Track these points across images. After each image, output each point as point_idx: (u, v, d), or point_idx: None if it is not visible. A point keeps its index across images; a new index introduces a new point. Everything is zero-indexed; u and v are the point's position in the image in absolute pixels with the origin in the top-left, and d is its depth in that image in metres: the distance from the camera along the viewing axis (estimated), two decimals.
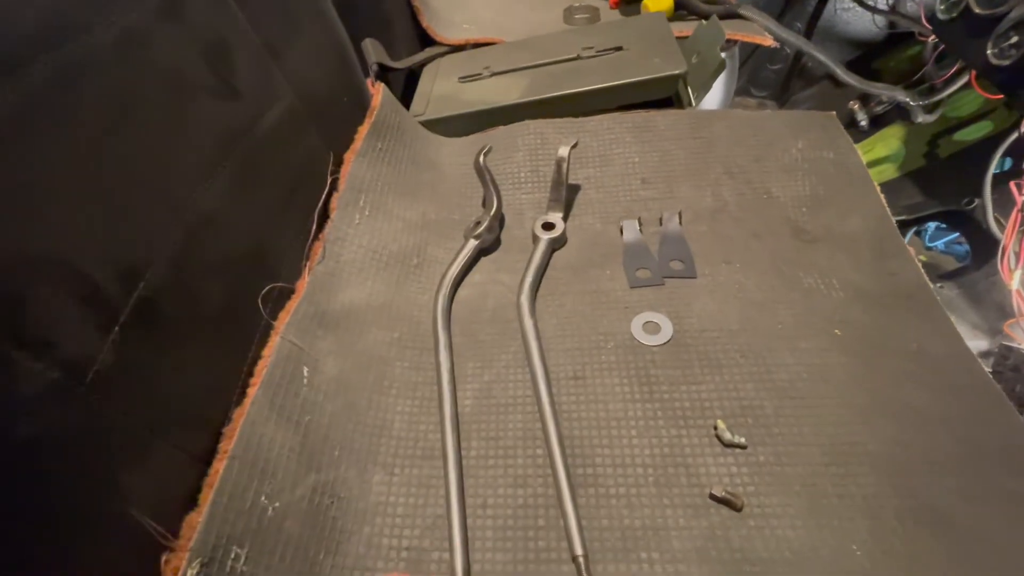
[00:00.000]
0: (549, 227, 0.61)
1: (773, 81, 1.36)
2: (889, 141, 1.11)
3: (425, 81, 0.82)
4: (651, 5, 0.90)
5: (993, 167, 0.80)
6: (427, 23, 0.89)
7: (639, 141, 0.68)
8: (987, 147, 0.83)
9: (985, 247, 0.84)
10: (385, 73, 0.79)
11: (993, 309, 0.83)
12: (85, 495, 0.30)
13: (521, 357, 0.51)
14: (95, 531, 0.30)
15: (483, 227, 0.60)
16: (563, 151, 0.59)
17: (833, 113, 0.69)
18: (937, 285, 0.91)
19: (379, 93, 0.67)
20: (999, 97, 0.80)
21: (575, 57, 0.75)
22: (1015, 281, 0.66)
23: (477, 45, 0.89)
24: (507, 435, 0.46)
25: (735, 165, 0.65)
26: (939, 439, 0.43)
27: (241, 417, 0.39)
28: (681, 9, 0.92)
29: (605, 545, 0.39)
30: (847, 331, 0.49)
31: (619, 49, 0.74)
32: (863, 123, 1.10)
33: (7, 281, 0.27)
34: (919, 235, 1.04)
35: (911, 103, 0.99)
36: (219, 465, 0.37)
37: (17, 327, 0.27)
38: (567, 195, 0.62)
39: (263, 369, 0.43)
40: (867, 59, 1.24)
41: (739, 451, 0.43)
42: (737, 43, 0.86)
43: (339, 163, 0.60)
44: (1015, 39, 0.62)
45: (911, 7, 1.19)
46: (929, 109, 0.99)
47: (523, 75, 0.76)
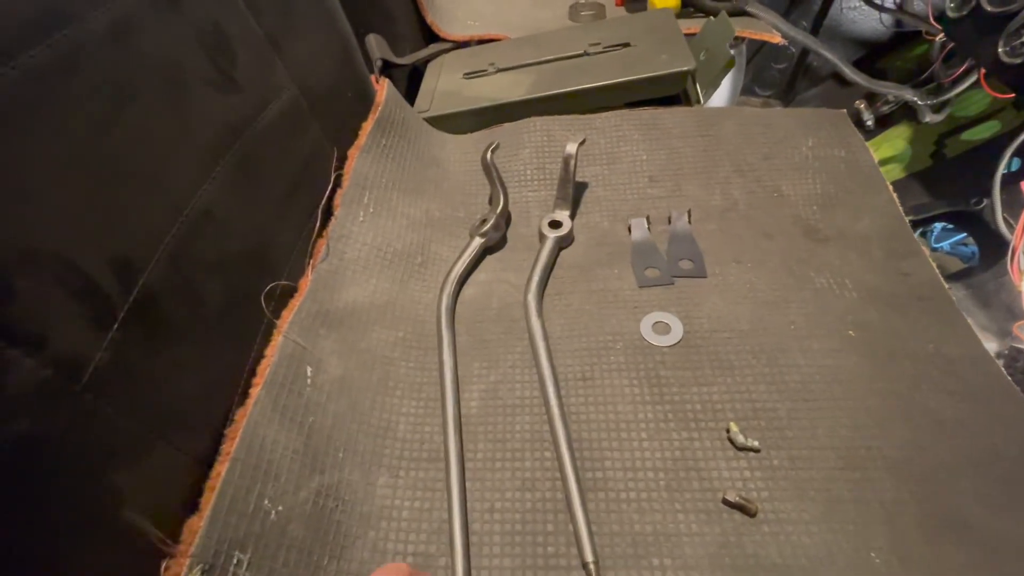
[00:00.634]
0: (556, 225, 0.60)
1: (778, 80, 1.35)
2: (895, 141, 1.10)
3: (429, 77, 0.81)
4: (658, 1, 0.89)
5: (1003, 167, 0.79)
6: (431, 19, 0.88)
7: (647, 139, 0.67)
8: (995, 147, 0.82)
9: (993, 248, 0.83)
10: (389, 69, 0.78)
11: (1002, 311, 0.82)
12: (81, 498, 0.29)
13: (528, 357, 0.50)
14: (92, 536, 0.29)
15: (489, 225, 0.59)
16: (571, 148, 0.58)
17: (843, 111, 0.68)
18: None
19: (383, 88, 0.66)
20: (1008, 96, 0.79)
21: (582, 53, 0.74)
22: None
23: (482, 41, 0.88)
24: (514, 437, 0.45)
25: (744, 163, 0.64)
26: (957, 443, 0.42)
27: (244, 418, 0.39)
28: (688, 6, 0.91)
29: (616, 551, 0.38)
30: (861, 332, 0.49)
31: (626, 45, 0.73)
32: (869, 123, 1.09)
33: None
34: (924, 236, 1.03)
35: (919, 102, 0.98)
36: (221, 468, 0.36)
37: (6, 322, 0.26)
38: (574, 193, 0.61)
39: (266, 368, 0.42)
40: (872, 58, 1.23)
41: (752, 455, 0.42)
42: (744, 40, 0.85)
43: (343, 159, 0.58)
44: None
45: (919, 6, 1.18)
46: (937, 109, 0.98)
47: (529, 71, 0.75)
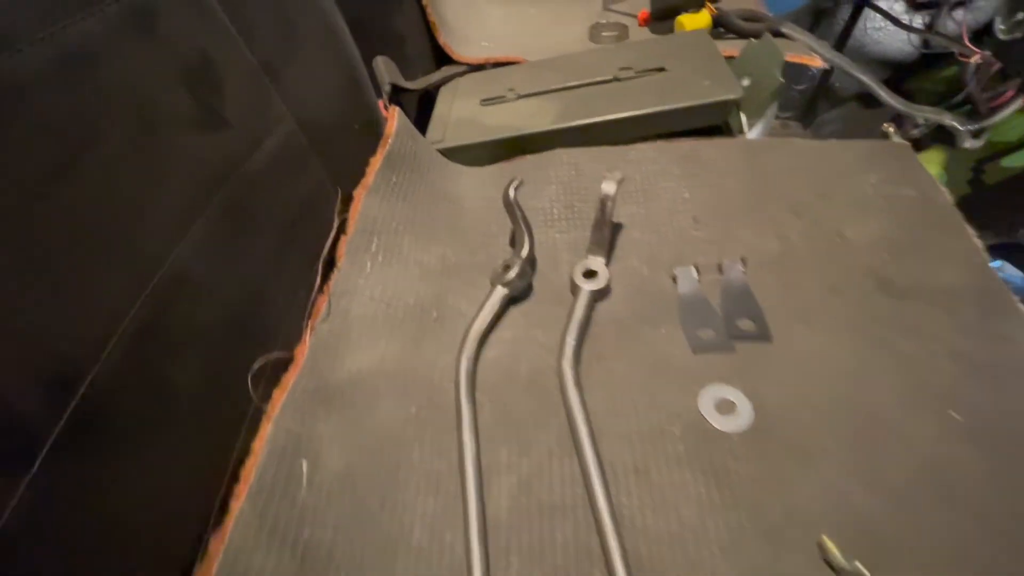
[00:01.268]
0: (591, 275, 0.52)
1: (798, 102, 1.30)
2: (929, 167, 1.04)
3: (442, 104, 0.73)
4: (687, 23, 0.83)
5: None
6: (443, 39, 0.82)
7: (688, 174, 0.60)
8: None
9: None
10: (398, 95, 0.71)
11: None
12: None
13: (566, 441, 0.42)
14: None
15: (514, 273, 0.51)
16: (608, 187, 0.51)
17: (908, 144, 0.61)
18: None
19: (394, 118, 0.59)
20: None
21: (612, 79, 0.67)
22: None
23: (498, 64, 0.81)
24: (555, 551, 0.36)
25: (799, 202, 0.57)
26: None
27: (221, 545, 0.30)
28: (718, 27, 0.85)
29: None
30: (966, 414, 0.41)
31: (661, 70, 0.66)
32: None
33: None
34: None
35: (959, 127, 0.91)
36: None
37: None
38: (610, 236, 0.54)
39: (251, 471, 0.34)
40: (898, 80, 1.18)
41: None
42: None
43: (347, 201, 0.51)
44: None
45: (951, 26, 1.13)
46: (977, 134, 0.91)
47: (553, 98, 0.68)
